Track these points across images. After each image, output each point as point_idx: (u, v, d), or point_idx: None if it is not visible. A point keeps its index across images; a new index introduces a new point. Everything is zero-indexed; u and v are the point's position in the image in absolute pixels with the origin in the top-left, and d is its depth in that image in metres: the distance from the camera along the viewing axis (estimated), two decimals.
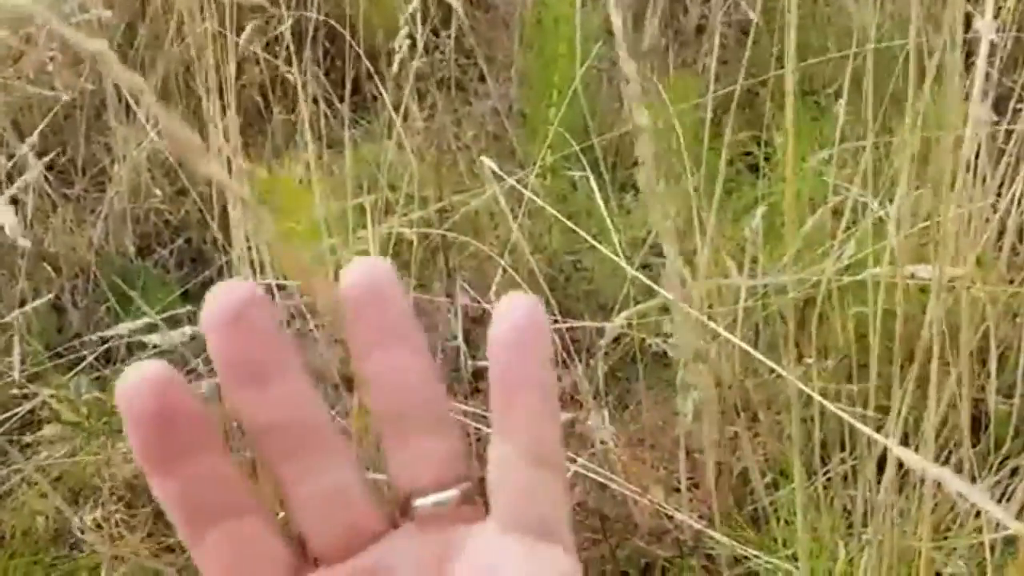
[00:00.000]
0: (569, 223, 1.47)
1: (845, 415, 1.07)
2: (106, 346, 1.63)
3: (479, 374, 1.53)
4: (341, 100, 1.76)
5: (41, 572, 1.43)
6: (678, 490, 1.39)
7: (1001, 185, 1.49)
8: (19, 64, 1.99)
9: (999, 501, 1.32)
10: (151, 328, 1.52)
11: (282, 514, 0.34)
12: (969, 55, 1.25)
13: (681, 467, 1.39)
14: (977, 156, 1.44)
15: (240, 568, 0.33)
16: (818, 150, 1.63)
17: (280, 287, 1.48)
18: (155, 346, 1.49)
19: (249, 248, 1.40)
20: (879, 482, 1.24)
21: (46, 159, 1.75)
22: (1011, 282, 1.50)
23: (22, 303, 1.73)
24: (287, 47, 1.81)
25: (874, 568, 1.23)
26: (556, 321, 1.50)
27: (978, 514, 1.28)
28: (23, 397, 1.51)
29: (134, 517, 1.50)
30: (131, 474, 1.48)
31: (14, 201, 1.67)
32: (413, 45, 1.52)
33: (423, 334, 0.34)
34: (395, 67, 1.41)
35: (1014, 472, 1.40)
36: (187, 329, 1.45)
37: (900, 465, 1.23)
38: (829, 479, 1.37)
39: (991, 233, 1.47)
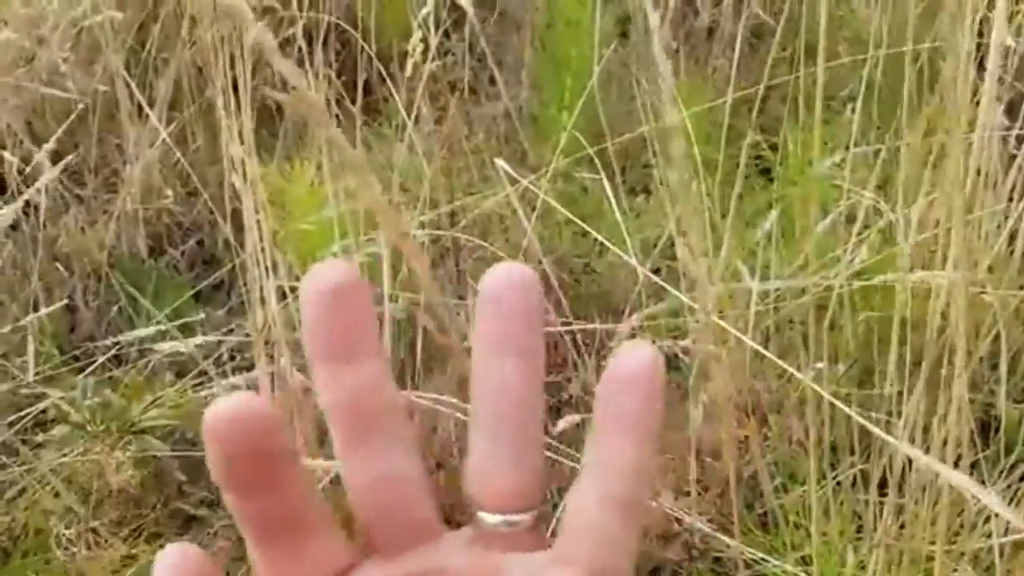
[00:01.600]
0: (583, 225, 1.48)
1: (859, 418, 1.07)
2: (118, 348, 1.64)
3: None
4: (353, 102, 1.76)
5: (52, 572, 1.43)
6: (688, 494, 1.40)
7: (1012, 189, 1.49)
8: (32, 66, 2.00)
9: (1009, 505, 1.32)
10: (163, 333, 1.53)
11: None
12: (984, 60, 1.25)
13: (691, 470, 1.39)
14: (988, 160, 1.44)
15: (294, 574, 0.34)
16: (830, 154, 1.63)
17: (292, 289, 1.48)
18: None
19: (262, 250, 1.41)
20: (888, 486, 1.24)
21: (61, 162, 1.76)
22: (1022, 287, 1.50)
23: (35, 304, 1.74)
24: (299, 49, 1.82)
25: (883, 571, 1.23)
26: (567, 323, 1.50)
27: (987, 519, 1.28)
28: (35, 397, 1.52)
29: (143, 518, 1.51)
30: (126, 481, 1.48)
31: (27, 202, 1.68)
32: (426, 48, 1.53)
33: (543, 352, 0.33)
34: (408, 70, 1.41)
35: None
36: (198, 339, 1.46)
37: (908, 469, 1.23)
38: (839, 483, 1.37)
39: (1003, 238, 1.47)
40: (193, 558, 0.33)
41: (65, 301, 1.74)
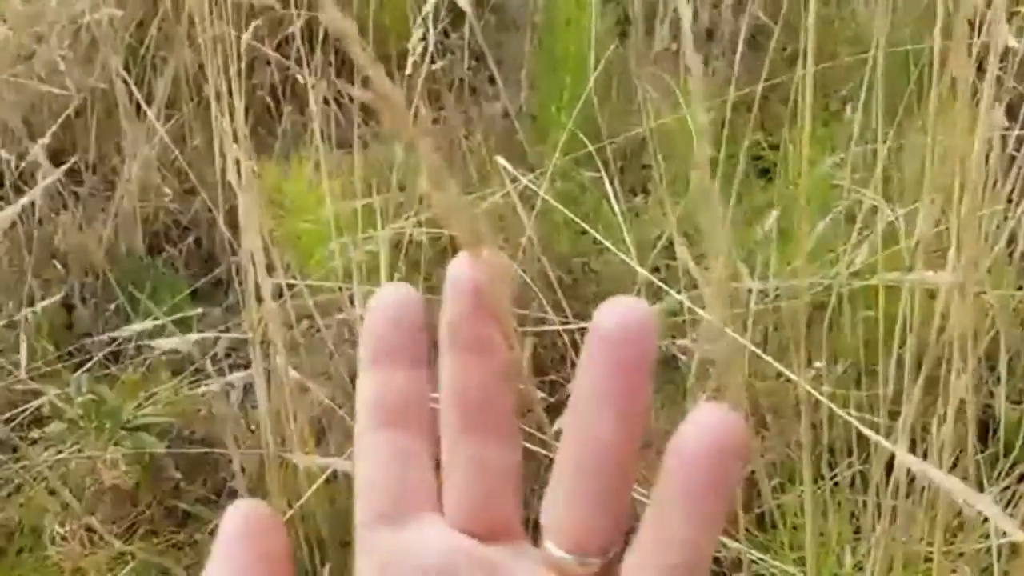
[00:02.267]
0: (583, 224, 1.47)
1: (854, 421, 1.07)
2: (115, 344, 1.64)
3: None
4: (351, 101, 1.76)
5: (47, 569, 1.43)
6: None
7: (1012, 191, 1.49)
8: (30, 62, 1.99)
9: (1007, 506, 1.32)
10: (159, 330, 1.53)
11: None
12: (983, 61, 1.25)
13: None
14: (987, 161, 1.44)
15: (393, 473, 0.34)
16: (831, 154, 1.62)
17: (290, 286, 1.48)
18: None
19: (264, 249, 1.40)
20: (887, 487, 1.24)
21: (59, 161, 1.75)
22: (1020, 288, 1.50)
23: (31, 301, 1.73)
24: (297, 48, 1.81)
25: (881, 572, 1.23)
26: (566, 322, 1.50)
27: (986, 519, 1.28)
28: (32, 394, 1.52)
29: (139, 516, 1.50)
30: (120, 478, 1.48)
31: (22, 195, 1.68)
32: (426, 50, 1.52)
33: (649, 401, 0.32)
34: (408, 69, 1.41)
35: (1023, 478, 1.39)
36: (193, 336, 1.46)
37: (908, 470, 1.22)
38: (836, 483, 1.37)
39: (1002, 239, 1.47)
40: (261, 519, 0.33)
41: (61, 296, 1.74)
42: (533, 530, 0.35)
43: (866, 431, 1.06)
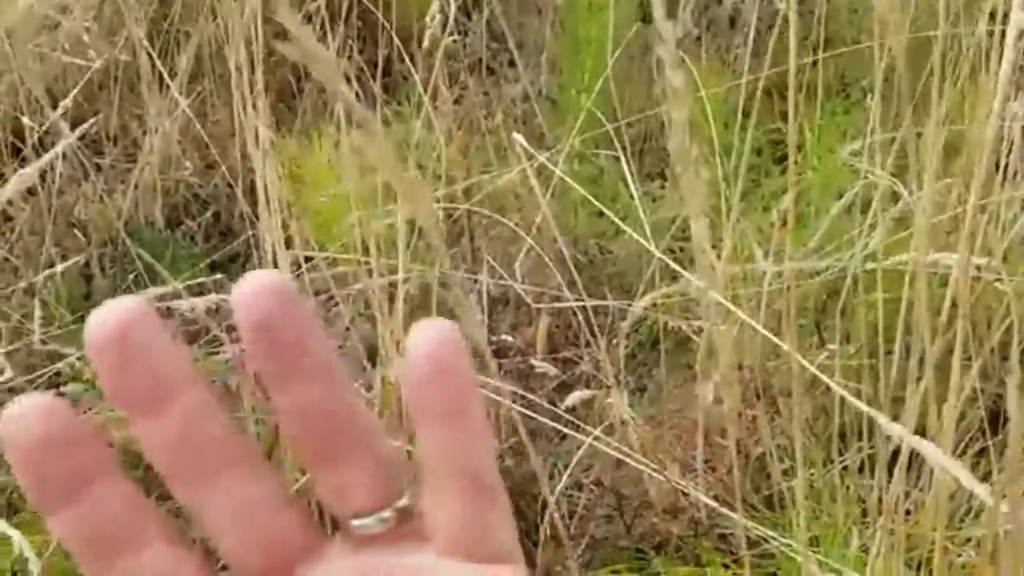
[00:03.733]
0: (598, 204, 1.48)
1: (856, 401, 1.07)
2: None
3: (501, 351, 1.54)
4: (373, 79, 1.77)
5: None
6: (695, 471, 1.40)
7: None
8: (55, 33, 2.01)
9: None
10: (175, 296, 1.54)
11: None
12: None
13: (699, 449, 1.39)
14: (1009, 152, 1.44)
15: None
16: (850, 141, 1.62)
17: (307, 259, 1.49)
18: (180, 314, 1.50)
19: (285, 226, 1.41)
20: (894, 471, 1.24)
21: (79, 128, 1.77)
22: None
23: (50, 267, 1.75)
24: (321, 25, 1.82)
25: (887, 556, 1.23)
26: (580, 299, 1.50)
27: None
28: (48, 357, 1.53)
29: (153, 479, 1.51)
30: (126, 439, 1.49)
31: (45, 169, 1.69)
32: (445, 24, 1.53)
33: (332, 353, 0.31)
34: (426, 42, 1.41)
35: None
36: (212, 296, 1.46)
37: (916, 454, 1.22)
38: (845, 467, 1.37)
39: (1019, 226, 1.46)
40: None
41: (80, 259, 1.75)
42: None
43: (865, 408, 1.06)
